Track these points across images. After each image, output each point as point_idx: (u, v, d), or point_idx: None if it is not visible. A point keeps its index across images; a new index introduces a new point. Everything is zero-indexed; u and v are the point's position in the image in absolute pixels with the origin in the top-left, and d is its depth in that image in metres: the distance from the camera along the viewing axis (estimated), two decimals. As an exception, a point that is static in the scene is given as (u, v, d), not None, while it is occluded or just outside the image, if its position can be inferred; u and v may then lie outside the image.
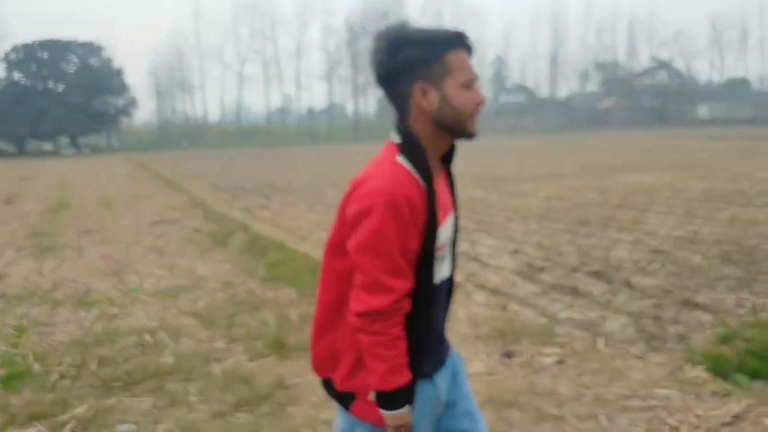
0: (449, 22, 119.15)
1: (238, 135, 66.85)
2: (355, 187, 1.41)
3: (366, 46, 78.96)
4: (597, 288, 5.74)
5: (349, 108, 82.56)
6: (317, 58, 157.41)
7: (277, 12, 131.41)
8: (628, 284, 5.83)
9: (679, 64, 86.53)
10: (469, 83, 1.45)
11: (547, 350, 3.94)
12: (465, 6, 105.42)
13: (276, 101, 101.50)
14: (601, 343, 4.19)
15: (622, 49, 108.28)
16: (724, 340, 3.89)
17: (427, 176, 1.41)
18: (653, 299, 5.33)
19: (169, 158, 39.52)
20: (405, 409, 1.41)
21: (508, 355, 3.86)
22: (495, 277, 6.25)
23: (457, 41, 1.43)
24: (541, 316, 4.97)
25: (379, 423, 1.43)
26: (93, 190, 18.74)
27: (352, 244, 1.37)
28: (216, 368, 4.05)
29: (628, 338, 4.42)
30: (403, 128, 1.44)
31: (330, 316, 1.49)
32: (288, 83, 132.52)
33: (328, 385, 1.57)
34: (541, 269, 6.50)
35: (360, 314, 1.37)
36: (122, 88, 65.41)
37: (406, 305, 1.39)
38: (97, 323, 5.22)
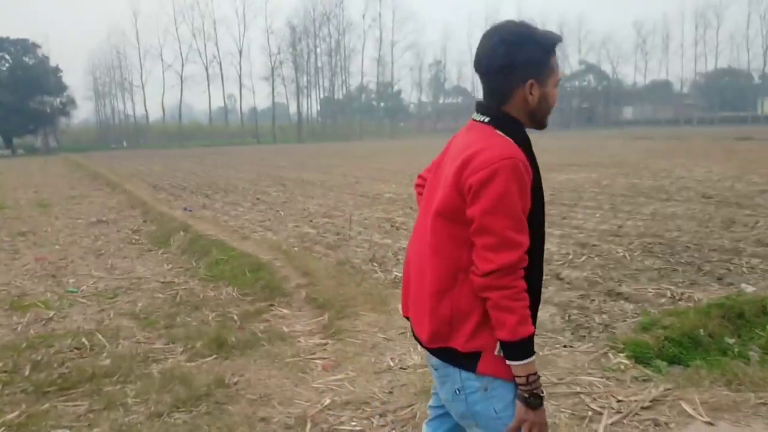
0: (388, 24, 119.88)
1: (180, 135, 65.35)
2: (469, 160, 1.48)
3: (308, 46, 79.75)
4: (529, 281, 5.99)
5: (292, 108, 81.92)
6: (260, 59, 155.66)
7: (218, 12, 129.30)
8: (558, 277, 6.12)
9: (607, 68, 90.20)
10: (558, 83, 1.61)
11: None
12: (403, 10, 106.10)
13: (218, 101, 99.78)
14: (532, 333, 4.39)
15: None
16: (645, 328, 4.16)
17: (528, 146, 1.57)
18: (580, 290, 5.62)
19: (108, 158, 38.26)
20: (533, 358, 1.49)
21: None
22: (433, 272, 6.42)
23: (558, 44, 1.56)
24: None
25: (509, 376, 1.50)
26: (28, 192, 17.94)
27: (477, 209, 1.45)
28: (154, 369, 4.01)
29: (557, 328, 4.66)
30: (501, 112, 1.56)
31: (448, 282, 1.53)
32: (230, 83, 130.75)
33: (444, 352, 1.58)
34: (477, 264, 6.72)
35: (488, 273, 1.44)
36: (59, 87, 63.02)
37: (527, 260, 1.48)
38: (31, 327, 5.06)
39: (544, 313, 4.98)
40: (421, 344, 1.66)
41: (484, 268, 1.45)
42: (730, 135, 39.54)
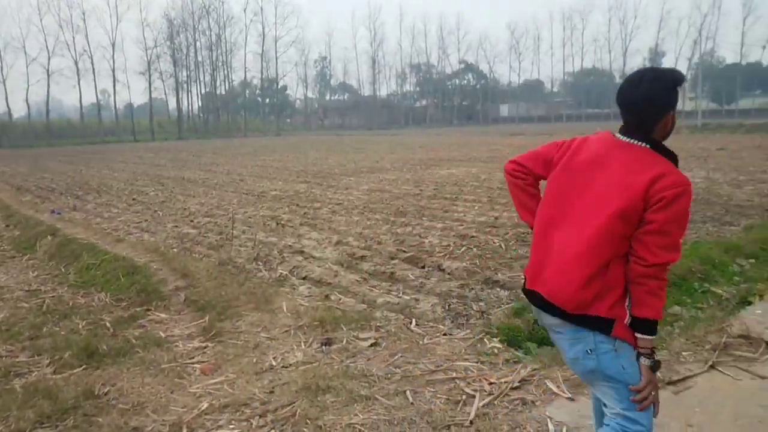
0: (270, 19, 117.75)
1: (48, 133, 60.15)
2: (657, 178, 1.84)
3: (187, 40, 76.39)
4: (412, 273, 6.15)
5: (172, 104, 78.20)
6: (135, 52, 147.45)
7: (87, 3, 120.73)
8: (439, 268, 6.33)
9: (484, 67, 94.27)
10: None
11: (364, 335, 4.17)
12: (286, 5, 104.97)
13: (90, 97, 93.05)
14: (413, 324, 4.52)
15: (434, 52, 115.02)
16: (518, 313, 4.41)
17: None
18: (460, 280, 5.86)
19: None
20: (655, 336, 1.93)
21: (327, 342, 4.03)
22: (319, 268, 6.41)
23: None
24: (360, 303, 5.22)
25: (632, 342, 1.92)
26: None
27: (662, 216, 1.81)
28: (17, 384, 3.71)
29: (438, 317, 4.82)
30: (651, 139, 1.94)
31: (604, 265, 1.88)
32: (103, 78, 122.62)
33: (583, 318, 1.91)
34: (362, 258, 6.80)
35: (656, 265, 1.83)
36: None
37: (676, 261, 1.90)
38: None
39: (426, 303, 5.15)
40: (551, 313, 1.99)
41: (654, 260, 1.83)
42: (595, 130, 42.69)
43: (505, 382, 3.26)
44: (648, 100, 1.91)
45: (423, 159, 22.03)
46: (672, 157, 1.93)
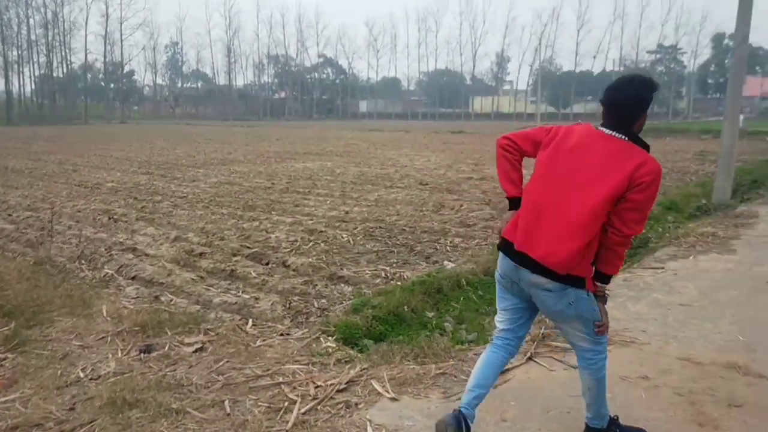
0: (114, 5, 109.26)
1: None
2: (640, 165, 2.22)
3: (18, 16, 68.10)
4: (255, 270, 5.85)
5: (0, 86, 69.68)
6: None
7: None
8: (284, 264, 6.09)
9: (343, 62, 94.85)
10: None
11: (191, 339, 3.82)
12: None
13: None
14: (249, 325, 4.25)
15: (293, 44, 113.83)
16: (357, 309, 4.29)
17: None
18: (304, 277, 5.66)
19: None
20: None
21: (147, 349, 3.63)
22: (151, 267, 5.90)
23: None
24: (194, 304, 4.85)
25: (594, 290, 2.38)
26: None
27: (641, 197, 2.21)
28: None
29: (277, 316, 4.59)
30: (632, 133, 2.33)
31: (593, 241, 2.29)
32: None
33: (568, 278, 2.31)
34: (201, 255, 6.37)
35: (631, 236, 2.27)
36: None
37: None
38: None
39: (266, 302, 4.89)
40: (540, 273, 2.33)
41: (629, 232, 2.26)
42: (447, 129, 44.61)
43: (332, 384, 3.09)
44: (637, 100, 2.32)
45: (279, 152, 21.56)
46: (646, 147, 2.33)
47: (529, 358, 3.50)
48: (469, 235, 7.44)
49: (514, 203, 2.50)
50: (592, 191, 2.24)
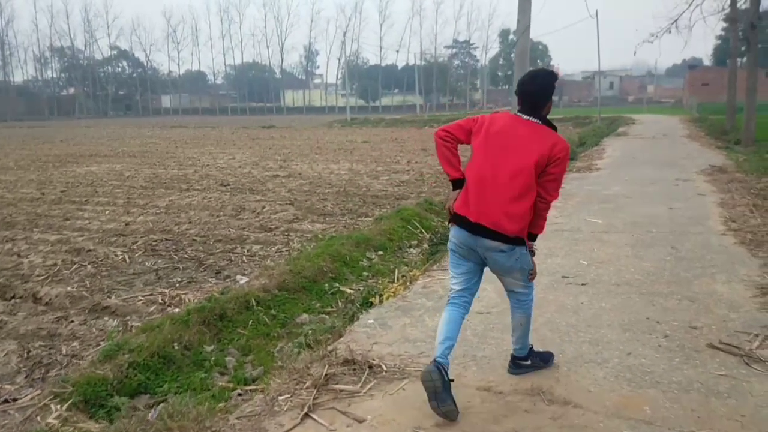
0: None
1: None
2: (555, 143, 2.80)
3: None
4: (-8, 309, 4.63)
5: None
6: None
7: None
8: (34, 298, 4.93)
9: (140, 55, 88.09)
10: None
11: None
12: None
13: None
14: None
15: (79, 36, 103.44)
16: (109, 356, 3.36)
17: None
18: (58, 312, 4.59)
19: None
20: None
21: None
22: None
23: None
24: None
25: (529, 248, 2.99)
26: None
27: (559, 169, 2.82)
28: None
29: (8, 373, 3.56)
30: (543, 117, 2.91)
31: (531, 207, 2.85)
32: None
33: (516, 239, 2.86)
34: None
35: (551, 201, 2.91)
36: None
37: None
38: None
39: (-1, 352, 3.79)
40: (493, 238, 2.84)
41: (550, 198, 2.89)
42: (257, 123, 43.29)
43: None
44: (543, 89, 2.89)
45: (60, 155, 18.95)
46: (554, 127, 2.90)
47: (306, 414, 2.77)
48: (269, 241, 6.78)
49: (457, 184, 2.93)
50: (521, 160, 2.76)
